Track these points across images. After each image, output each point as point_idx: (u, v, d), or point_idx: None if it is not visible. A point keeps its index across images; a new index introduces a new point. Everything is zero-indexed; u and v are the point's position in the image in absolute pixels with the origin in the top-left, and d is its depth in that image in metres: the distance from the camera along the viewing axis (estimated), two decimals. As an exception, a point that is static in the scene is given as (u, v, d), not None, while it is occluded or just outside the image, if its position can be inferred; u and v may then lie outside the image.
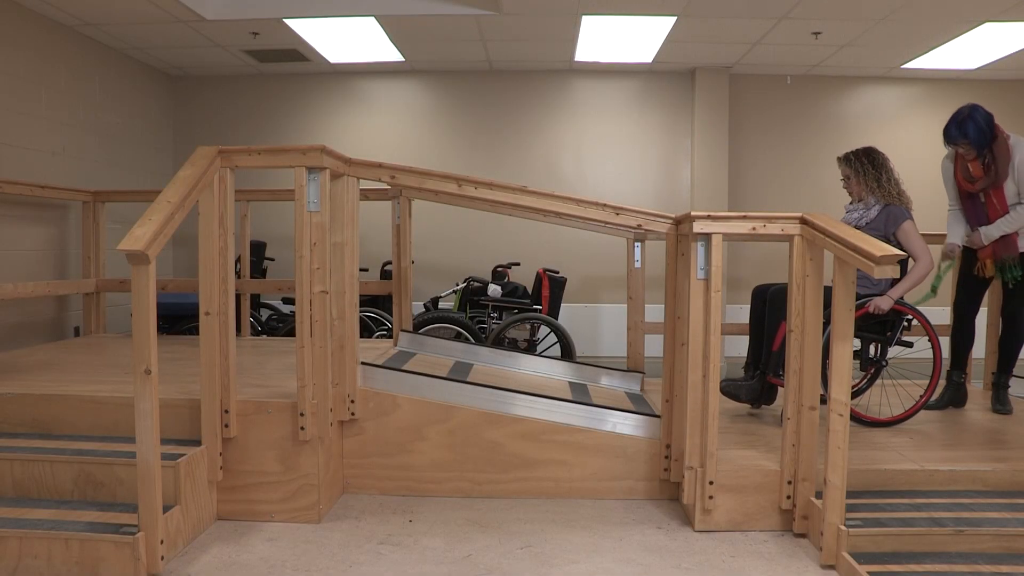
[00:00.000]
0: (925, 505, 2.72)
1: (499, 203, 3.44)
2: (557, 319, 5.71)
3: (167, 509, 2.59)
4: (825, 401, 2.69)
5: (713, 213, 2.83)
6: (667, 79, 6.91)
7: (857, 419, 3.41)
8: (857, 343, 3.40)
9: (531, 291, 5.87)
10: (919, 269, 3.39)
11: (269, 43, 5.96)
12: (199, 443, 2.87)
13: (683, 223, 3.04)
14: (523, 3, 5.13)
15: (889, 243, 3.19)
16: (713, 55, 6.37)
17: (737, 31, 5.69)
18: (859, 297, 3.29)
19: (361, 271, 3.56)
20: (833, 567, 2.56)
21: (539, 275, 5.83)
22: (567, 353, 5.38)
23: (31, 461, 2.74)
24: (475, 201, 3.62)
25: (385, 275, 6.15)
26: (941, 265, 3.75)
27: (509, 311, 5.66)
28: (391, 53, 6.31)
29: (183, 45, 6.01)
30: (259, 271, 6.13)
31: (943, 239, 3.85)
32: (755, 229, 2.81)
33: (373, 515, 3.08)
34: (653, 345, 3.99)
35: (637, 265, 4.13)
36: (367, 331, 5.67)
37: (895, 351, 3.56)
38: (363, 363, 3.35)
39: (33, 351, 4.32)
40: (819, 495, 2.71)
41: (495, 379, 3.63)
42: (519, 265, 6.55)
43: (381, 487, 3.32)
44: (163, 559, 2.47)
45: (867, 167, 3.55)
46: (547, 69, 6.87)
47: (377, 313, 5.75)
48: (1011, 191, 3.51)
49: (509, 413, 3.31)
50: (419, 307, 5.93)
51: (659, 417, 3.27)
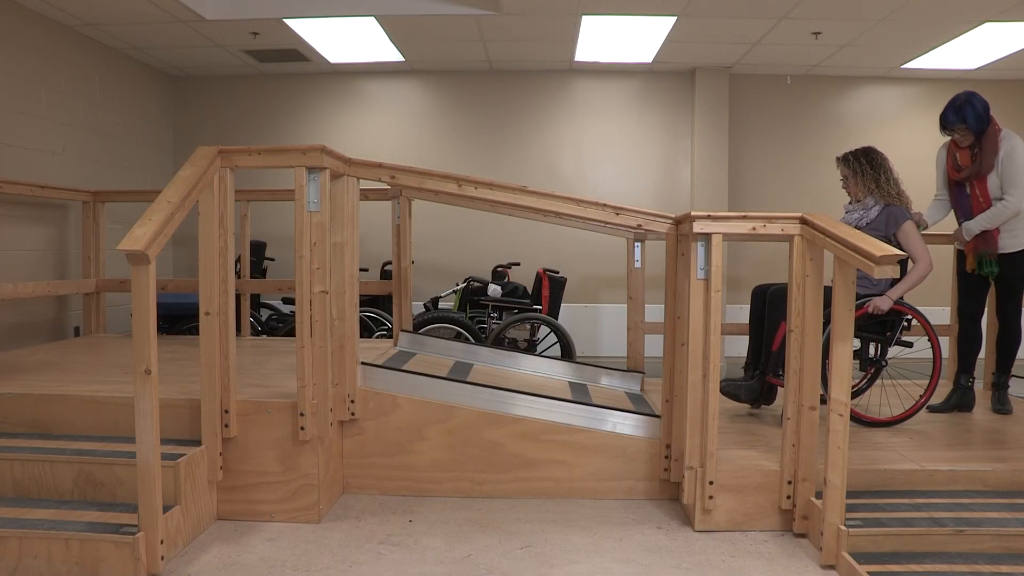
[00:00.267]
0: (925, 505, 2.72)
1: (499, 203, 3.44)
2: (557, 319, 5.71)
3: (167, 509, 2.59)
4: (825, 401, 2.69)
5: (713, 213, 2.83)
6: (667, 79, 6.91)
7: (856, 419, 3.41)
8: (856, 343, 3.40)
9: (531, 291, 5.87)
10: (919, 270, 3.38)
11: (269, 43, 5.96)
12: (199, 443, 2.87)
13: (683, 223, 3.04)
14: (523, 3, 5.13)
15: (889, 243, 3.19)
16: (713, 55, 6.37)
17: (737, 31, 5.69)
18: (858, 297, 3.29)
19: (361, 271, 3.56)
20: (833, 567, 2.56)
21: (539, 275, 5.83)
22: (567, 353, 5.38)
23: (31, 461, 2.74)
24: (475, 201, 3.62)
25: (385, 275, 6.15)
26: None
27: (509, 311, 5.66)
28: (391, 53, 6.31)
29: (183, 45, 6.01)
30: (259, 271, 6.13)
31: (943, 239, 3.85)
32: (755, 229, 2.81)
33: (373, 515, 3.08)
34: (653, 345, 3.99)
35: (637, 265, 4.12)
36: (367, 331, 5.67)
37: (895, 351, 3.55)
38: (363, 363, 3.35)
39: (33, 351, 4.32)
40: (819, 495, 2.71)
41: (495, 379, 3.63)
42: (519, 265, 6.55)
43: (381, 487, 3.32)
44: (163, 559, 2.47)
45: (866, 167, 3.54)
46: (547, 69, 6.87)
47: (377, 313, 5.75)
48: (994, 184, 3.51)
49: (509, 413, 3.31)
50: (419, 307, 5.93)
51: (659, 417, 3.27)
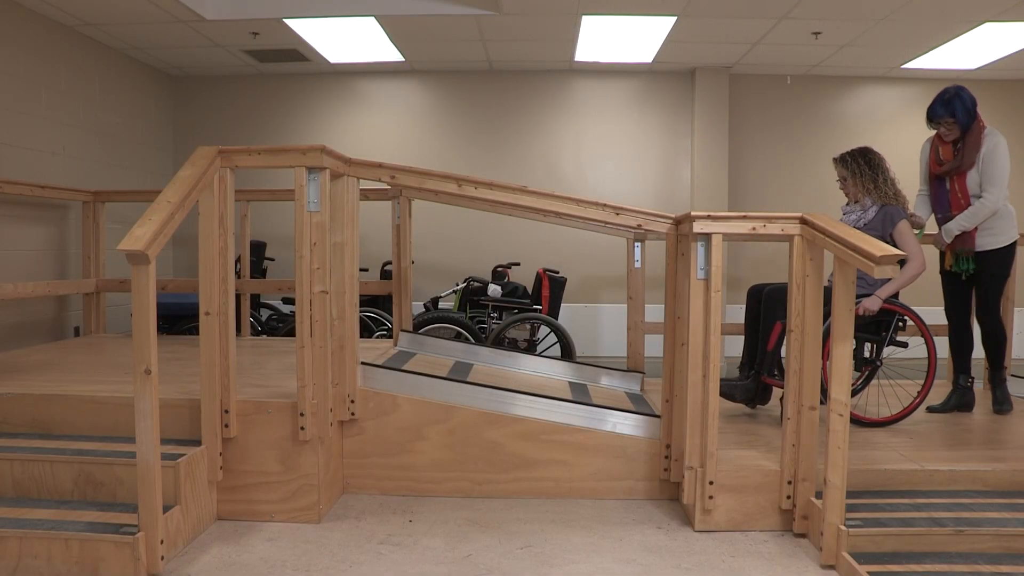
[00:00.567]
0: (925, 505, 2.72)
1: (499, 203, 3.44)
2: (557, 319, 5.71)
3: (167, 509, 2.59)
4: (824, 401, 2.69)
5: (713, 213, 2.83)
6: (667, 79, 6.92)
7: (853, 419, 3.40)
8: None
9: (531, 291, 5.87)
10: (910, 269, 3.35)
11: (269, 43, 5.97)
12: (199, 443, 2.87)
13: (683, 223, 3.04)
14: (523, 3, 5.13)
15: (887, 243, 3.18)
16: (713, 55, 6.37)
17: (737, 31, 5.69)
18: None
19: (361, 271, 3.56)
20: (833, 567, 2.56)
21: (539, 275, 5.83)
22: (567, 353, 5.38)
23: (31, 461, 2.74)
24: (475, 201, 3.62)
25: (385, 275, 6.15)
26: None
27: (509, 311, 5.66)
28: (391, 53, 6.31)
29: (183, 45, 6.01)
30: (259, 271, 6.13)
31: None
32: (755, 229, 2.81)
33: (373, 515, 3.08)
34: (653, 345, 3.99)
35: (637, 265, 4.13)
36: (367, 331, 5.67)
37: (889, 351, 3.55)
38: (363, 363, 3.35)
39: (33, 351, 4.32)
40: (819, 495, 2.71)
41: (495, 379, 3.63)
42: (519, 265, 6.55)
43: (381, 487, 3.32)
44: (163, 559, 2.47)
45: (864, 168, 3.52)
46: (547, 69, 6.87)
47: (377, 313, 5.75)
48: (974, 181, 3.51)
49: (509, 413, 3.31)
50: (419, 307, 5.93)
51: (659, 417, 3.27)
